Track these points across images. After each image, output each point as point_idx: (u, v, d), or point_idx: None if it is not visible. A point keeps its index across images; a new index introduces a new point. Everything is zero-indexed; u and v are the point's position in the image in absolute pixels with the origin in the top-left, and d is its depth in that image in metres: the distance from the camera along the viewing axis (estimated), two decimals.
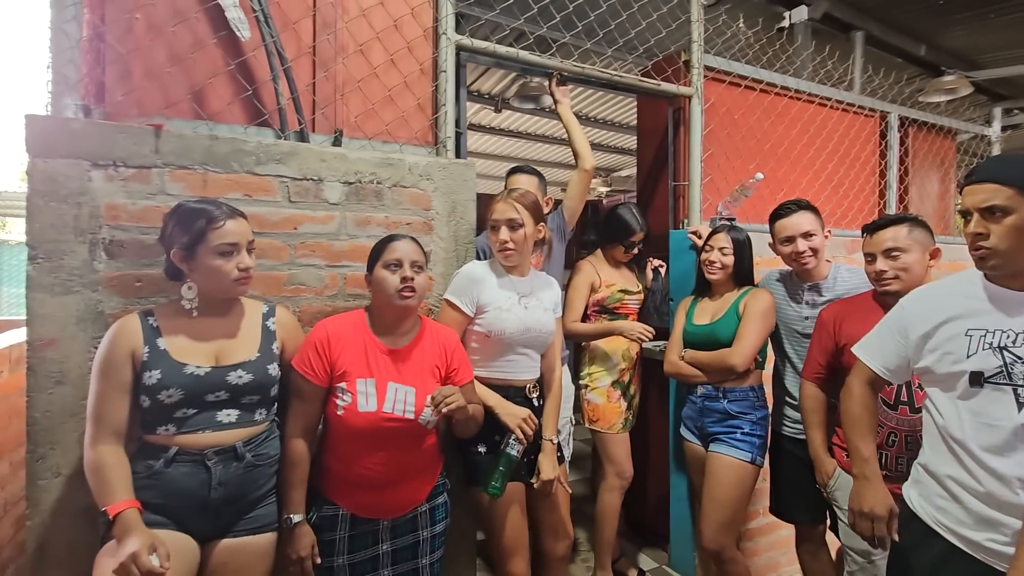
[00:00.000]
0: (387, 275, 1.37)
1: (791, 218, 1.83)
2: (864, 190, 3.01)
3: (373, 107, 1.78)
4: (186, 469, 1.20)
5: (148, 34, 1.52)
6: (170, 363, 1.21)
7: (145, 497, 1.17)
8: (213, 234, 1.22)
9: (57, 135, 1.32)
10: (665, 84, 2.33)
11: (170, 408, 1.21)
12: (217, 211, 1.25)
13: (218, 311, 1.31)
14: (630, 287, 2.32)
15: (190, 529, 1.21)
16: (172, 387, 1.20)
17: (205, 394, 1.23)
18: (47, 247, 1.31)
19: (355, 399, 1.32)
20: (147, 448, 1.23)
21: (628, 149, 6.81)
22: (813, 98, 2.79)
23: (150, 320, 1.25)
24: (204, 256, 1.23)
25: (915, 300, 1.28)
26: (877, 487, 1.30)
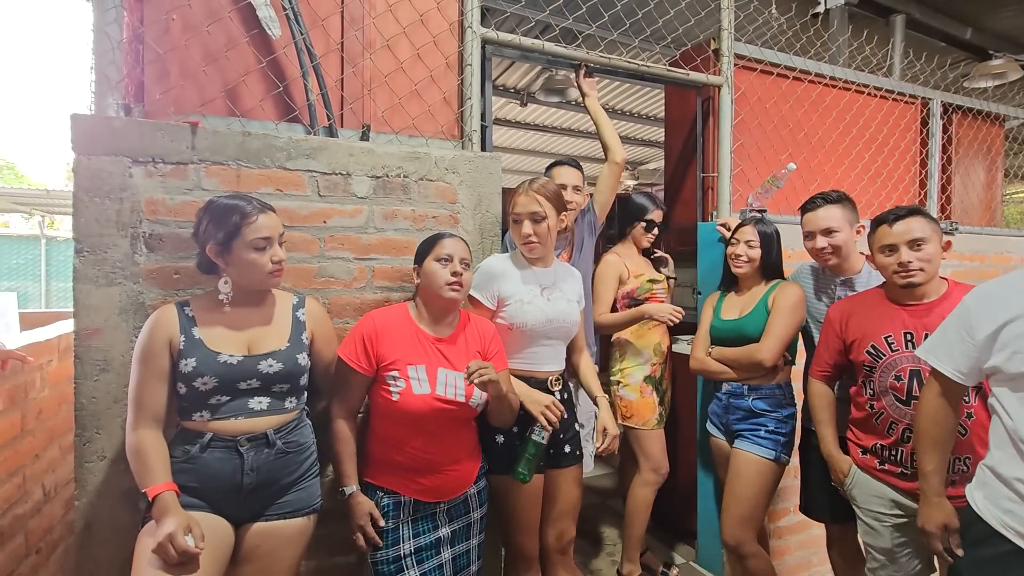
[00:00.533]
0: (438, 268, 1.42)
1: (815, 213, 1.78)
2: (903, 180, 2.90)
3: (400, 102, 1.80)
4: (220, 454, 1.25)
5: (184, 34, 1.57)
6: (204, 352, 1.26)
7: (182, 480, 1.22)
8: (247, 229, 1.26)
9: (100, 133, 1.37)
10: (694, 74, 2.29)
11: (205, 395, 1.25)
12: (249, 207, 1.28)
13: (251, 302, 1.35)
14: (654, 276, 2.29)
15: (224, 512, 1.26)
16: (206, 374, 1.24)
17: (237, 382, 1.27)
18: (92, 241, 1.37)
19: (408, 384, 1.37)
20: (184, 433, 1.28)
21: (655, 141, 6.72)
22: (849, 85, 2.70)
23: (186, 310, 1.30)
24: (239, 250, 1.27)
25: (980, 298, 1.23)
26: (932, 504, 1.30)
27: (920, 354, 1.35)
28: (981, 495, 1.20)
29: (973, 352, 1.21)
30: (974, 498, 1.22)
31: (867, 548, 1.62)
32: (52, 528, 1.84)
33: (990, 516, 1.16)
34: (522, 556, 1.63)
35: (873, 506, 1.57)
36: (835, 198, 1.78)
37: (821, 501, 1.84)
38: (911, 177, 2.94)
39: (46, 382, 1.78)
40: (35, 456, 1.70)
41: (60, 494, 1.91)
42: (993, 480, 1.17)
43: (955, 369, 1.26)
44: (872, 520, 1.58)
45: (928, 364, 1.32)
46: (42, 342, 1.76)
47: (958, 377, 1.26)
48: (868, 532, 1.60)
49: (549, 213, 1.58)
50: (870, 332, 1.55)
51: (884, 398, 1.52)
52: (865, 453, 1.59)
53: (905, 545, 1.54)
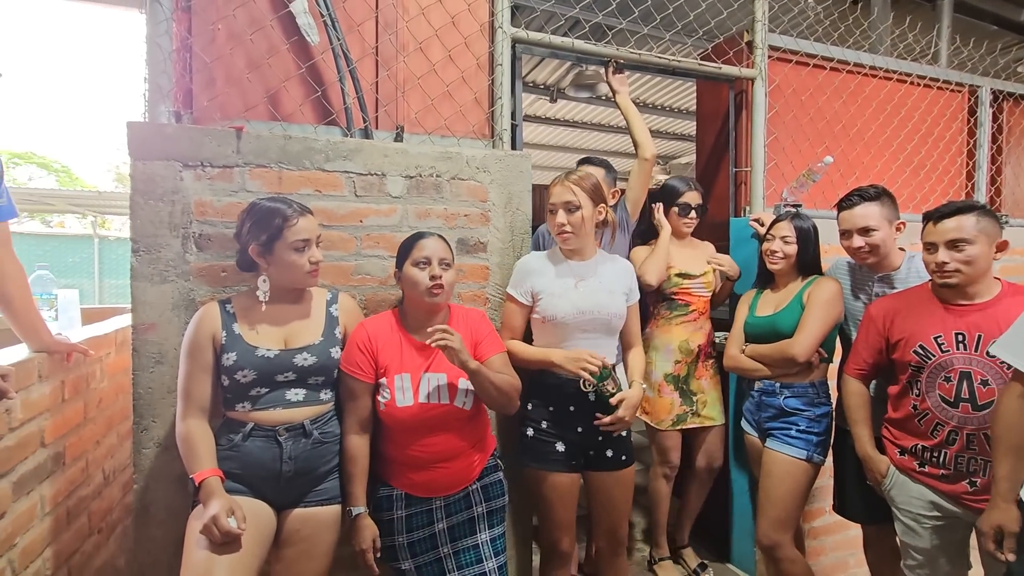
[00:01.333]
0: (416, 272, 1.43)
1: (852, 211, 1.72)
2: (949, 172, 2.79)
3: (432, 103, 1.84)
4: (261, 443, 1.33)
5: (228, 43, 1.65)
6: (244, 346, 1.33)
7: (226, 467, 1.30)
8: (289, 231, 1.33)
9: (153, 139, 1.46)
10: (726, 67, 2.26)
11: (245, 387, 1.33)
12: (290, 210, 1.35)
13: (287, 299, 1.42)
14: (691, 269, 2.14)
15: (266, 498, 1.34)
16: (246, 368, 1.32)
17: (275, 374, 1.34)
18: (147, 241, 1.46)
19: (393, 396, 1.40)
20: (228, 423, 1.36)
21: (687, 135, 6.61)
22: (891, 74, 2.61)
23: (227, 307, 1.38)
24: (280, 251, 1.34)
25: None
26: (998, 508, 1.27)
27: (997, 352, 1.28)
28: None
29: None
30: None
31: (905, 546, 1.59)
32: (112, 510, 1.96)
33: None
34: (555, 553, 1.63)
35: (912, 507, 1.54)
36: (872, 195, 1.72)
37: (856, 501, 1.81)
38: (957, 169, 2.83)
39: (105, 373, 1.89)
40: (96, 442, 1.82)
41: (118, 478, 2.03)
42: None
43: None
44: (911, 521, 1.55)
45: (1007, 363, 1.26)
46: (101, 336, 1.87)
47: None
48: (907, 532, 1.57)
49: (584, 203, 1.57)
50: (918, 331, 1.50)
51: (930, 399, 1.48)
52: (903, 454, 1.56)
53: (944, 547, 1.51)
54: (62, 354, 1.55)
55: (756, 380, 1.87)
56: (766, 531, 1.76)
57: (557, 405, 1.60)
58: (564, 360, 1.54)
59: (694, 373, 2.17)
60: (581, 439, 1.61)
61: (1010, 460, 1.26)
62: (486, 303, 1.80)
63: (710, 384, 2.20)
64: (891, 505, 1.61)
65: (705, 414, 2.17)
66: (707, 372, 2.19)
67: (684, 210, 2.18)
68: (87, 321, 2.19)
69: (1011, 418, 1.26)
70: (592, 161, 2.15)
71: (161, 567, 1.46)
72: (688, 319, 2.16)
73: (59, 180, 15.26)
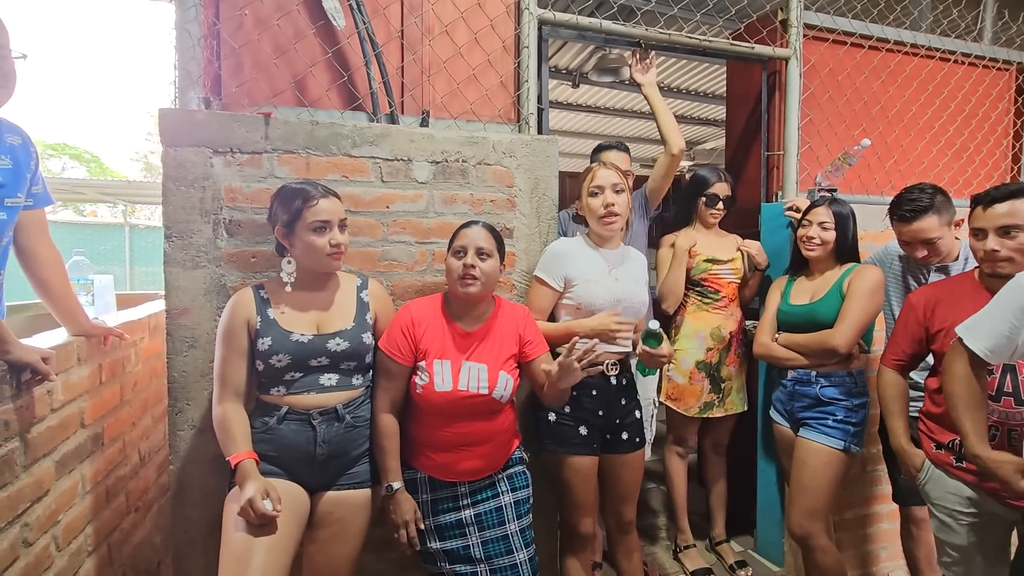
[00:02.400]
0: (453, 262, 1.43)
1: (910, 225, 1.64)
2: (994, 155, 2.67)
3: (458, 87, 1.82)
4: (295, 427, 1.34)
5: (255, 28, 1.65)
6: (279, 331, 1.34)
7: (262, 450, 1.32)
8: (308, 211, 1.33)
9: (184, 126, 1.47)
10: (759, 47, 2.19)
11: (280, 371, 1.34)
12: (313, 191, 1.35)
13: (317, 285, 1.42)
14: (719, 255, 2.12)
15: (301, 480, 1.35)
16: (281, 352, 1.33)
17: (309, 359, 1.35)
18: (179, 227, 1.47)
19: (432, 379, 1.40)
20: (263, 406, 1.38)
21: (713, 120, 6.45)
22: (933, 52, 2.49)
23: (261, 292, 1.39)
24: (301, 232, 1.34)
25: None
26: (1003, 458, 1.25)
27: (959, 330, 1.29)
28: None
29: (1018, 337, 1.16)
30: None
31: (940, 543, 1.54)
32: (147, 490, 2.02)
33: None
34: (575, 535, 1.65)
35: (948, 503, 1.49)
36: (927, 205, 1.62)
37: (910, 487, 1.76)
38: (1003, 151, 2.70)
39: (140, 357, 1.94)
40: (132, 424, 1.87)
41: (153, 459, 2.09)
42: None
43: (988, 350, 1.21)
44: (947, 517, 1.50)
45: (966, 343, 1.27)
46: (135, 321, 1.92)
47: (989, 357, 1.21)
48: (942, 528, 1.52)
49: (627, 187, 1.61)
50: (960, 321, 1.45)
51: None
52: (939, 448, 1.51)
53: (981, 545, 1.46)
54: (99, 338, 1.59)
55: (789, 369, 1.83)
56: (799, 521, 1.73)
57: (580, 389, 1.60)
58: (590, 329, 1.55)
59: (725, 360, 2.14)
60: (602, 422, 1.63)
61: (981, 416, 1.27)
62: (512, 289, 1.78)
63: (737, 372, 2.17)
64: (926, 500, 1.57)
65: (729, 402, 2.16)
66: (736, 360, 2.16)
67: (711, 201, 2.14)
68: (121, 306, 2.24)
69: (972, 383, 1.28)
70: (612, 146, 2.12)
71: (196, 546, 1.50)
72: (719, 305, 2.13)
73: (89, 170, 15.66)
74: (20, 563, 1.18)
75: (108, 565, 1.63)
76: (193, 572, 1.50)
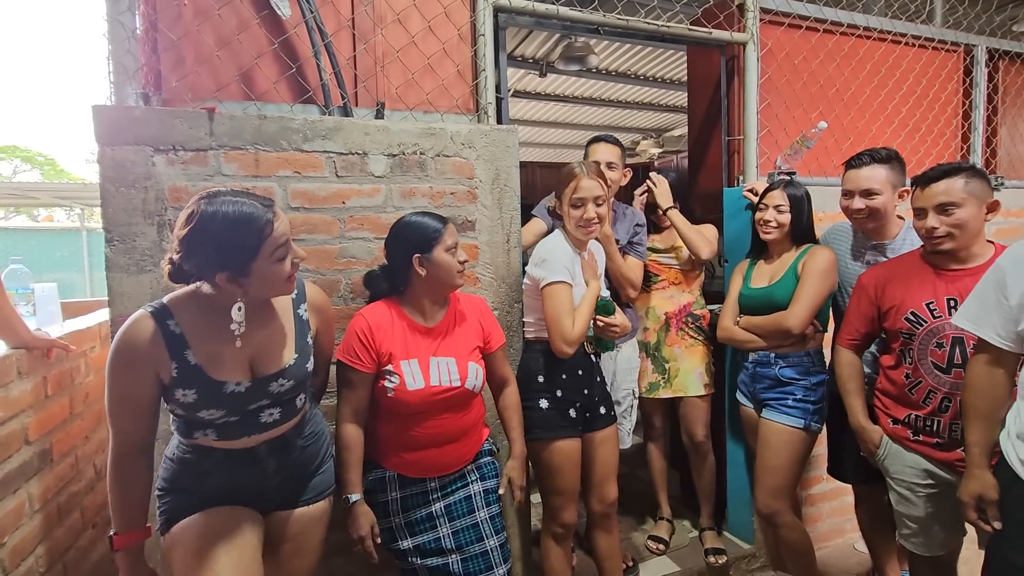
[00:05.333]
0: (448, 258, 1.41)
1: (858, 171, 1.70)
2: (944, 134, 2.74)
3: (413, 77, 1.78)
4: (239, 465, 1.17)
5: (196, 19, 1.57)
6: (206, 382, 1.08)
7: (205, 485, 1.15)
8: (269, 242, 1.06)
9: (121, 123, 1.40)
10: (717, 32, 2.19)
11: (209, 421, 1.12)
12: (261, 213, 1.05)
13: (250, 310, 1.13)
14: (659, 244, 2.25)
15: (253, 505, 1.21)
16: (212, 408, 1.10)
17: (247, 405, 1.14)
18: (121, 230, 1.40)
19: (403, 380, 1.37)
20: (194, 448, 1.16)
21: (679, 107, 6.50)
22: (885, 35, 2.54)
23: (169, 324, 1.07)
24: (261, 267, 1.06)
25: (1014, 258, 1.19)
26: (972, 476, 1.28)
27: (959, 322, 1.29)
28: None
29: (1011, 315, 1.17)
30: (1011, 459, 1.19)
31: (900, 516, 1.59)
32: (106, 505, 1.94)
33: None
34: (561, 524, 1.65)
35: (906, 476, 1.54)
36: (883, 157, 1.68)
37: (848, 463, 1.85)
38: (952, 131, 2.78)
39: (90, 368, 1.86)
40: (85, 438, 1.80)
41: None
42: None
43: (995, 334, 1.21)
44: (905, 490, 1.55)
45: (970, 332, 1.27)
46: (84, 330, 1.83)
47: (1001, 343, 1.20)
48: (901, 502, 1.57)
49: (606, 196, 1.66)
50: (909, 298, 1.48)
51: (923, 366, 1.47)
52: (896, 424, 1.55)
53: (938, 515, 1.51)
54: (42, 350, 1.51)
55: (750, 351, 1.86)
56: (765, 500, 1.76)
57: (569, 371, 1.65)
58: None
59: (665, 341, 2.21)
60: (586, 400, 1.68)
61: (980, 427, 1.27)
62: (476, 283, 1.76)
63: (685, 354, 2.20)
64: (885, 475, 1.61)
65: (678, 384, 2.19)
66: (682, 342, 2.21)
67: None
68: (72, 315, 2.15)
69: (979, 386, 1.27)
70: (605, 139, 2.11)
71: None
72: (658, 287, 2.25)
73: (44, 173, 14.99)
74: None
75: None
76: None
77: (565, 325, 1.54)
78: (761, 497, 1.78)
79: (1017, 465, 1.17)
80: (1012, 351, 1.20)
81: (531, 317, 1.71)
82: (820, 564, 1.86)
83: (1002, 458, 1.22)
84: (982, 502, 1.25)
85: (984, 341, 1.24)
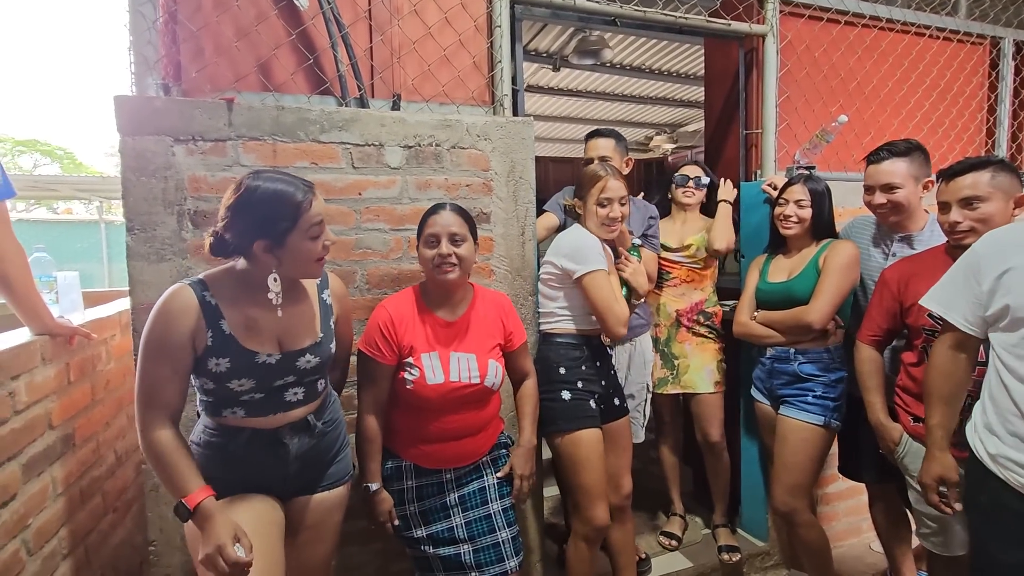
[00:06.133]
0: (426, 252, 1.38)
1: (879, 166, 1.67)
2: (969, 129, 2.68)
3: (429, 68, 1.78)
4: (263, 448, 1.20)
5: (215, 10, 1.58)
6: (238, 350, 1.13)
7: (225, 474, 1.17)
8: (305, 217, 1.12)
9: (142, 114, 1.41)
10: (736, 24, 2.16)
11: (238, 394, 1.15)
12: (300, 191, 1.12)
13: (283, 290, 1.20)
14: (671, 242, 2.19)
15: (272, 492, 1.24)
16: (243, 377, 1.13)
17: (275, 380, 1.18)
18: (141, 219, 1.42)
19: (423, 373, 1.37)
20: (219, 428, 1.19)
21: (694, 101, 6.44)
22: (909, 27, 2.49)
23: (207, 296, 1.12)
24: (296, 242, 1.12)
25: (988, 244, 1.19)
26: (933, 458, 1.31)
27: (928, 304, 1.31)
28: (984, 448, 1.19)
29: (980, 300, 1.18)
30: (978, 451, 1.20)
31: (919, 515, 1.57)
32: (126, 489, 1.98)
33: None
34: (593, 527, 1.61)
35: None
36: (902, 150, 1.65)
37: (864, 462, 1.82)
38: (977, 125, 2.72)
39: (111, 355, 1.89)
40: (106, 424, 1.83)
41: (131, 458, 2.04)
42: None
43: (963, 319, 1.22)
44: None
45: (937, 314, 1.29)
46: (105, 318, 1.86)
47: (967, 327, 1.22)
48: (920, 500, 1.54)
49: (628, 198, 1.70)
50: None
51: None
52: (917, 421, 1.53)
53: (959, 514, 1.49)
54: (65, 337, 1.54)
55: (768, 347, 1.83)
56: (783, 498, 1.74)
57: (588, 363, 1.67)
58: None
59: (675, 337, 2.19)
60: (603, 391, 1.70)
61: (942, 409, 1.30)
62: (491, 276, 1.76)
63: (696, 351, 2.17)
64: (904, 473, 1.59)
65: (687, 380, 2.17)
66: (693, 339, 2.18)
67: (680, 180, 2.23)
68: (93, 304, 2.18)
69: (943, 368, 1.29)
70: (602, 133, 2.09)
71: (173, 545, 1.47)
72: (669, 284, 2.23)
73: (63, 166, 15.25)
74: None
75: (86, 567, 1.59)
76: (171, 570, 1.47)
77: (618, 308, 1.58)
78: (778, 495, 1.76)
79: (986, 459, 1.17)
80: (976, 336, 1.22)
81: (549, 308, 1.71)
82: (835, 563, 1.84)
83: (971, 454, 1.22)
84: (943, 483, 1.28)
85: (950, 324, 1.25)
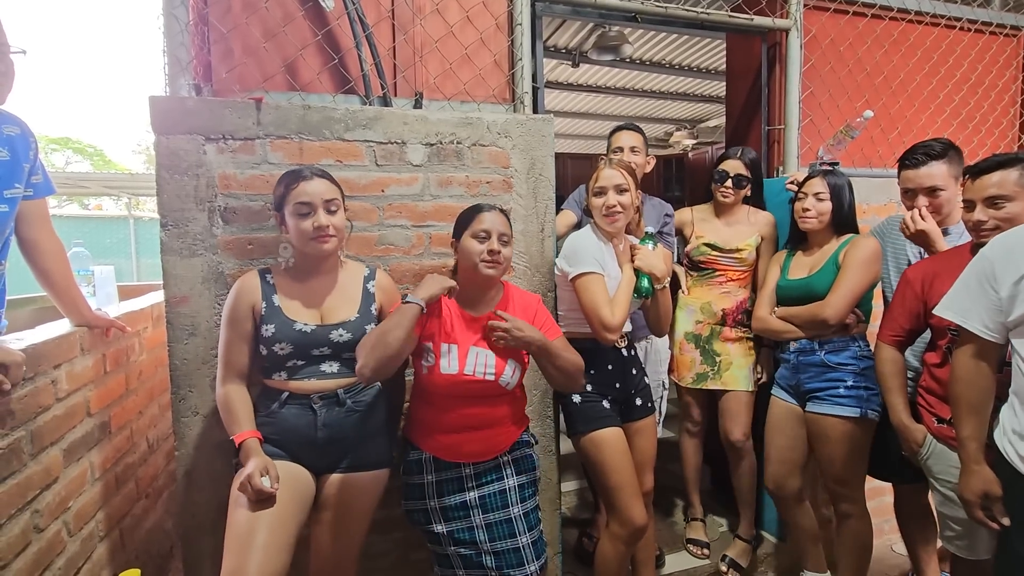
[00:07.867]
0: (475, 244, 1.41)
1: (917, 170, 1.62)
2: (1000, 124, 2.62)
3: (451, 67, 1.80)
4: (296, 410, 1.36)
5: (244, 12, 1.63)
6: (282, 319, 1.35)
7: (265, 432, 1.35)
8: (291, 194, 1.33)
9: (175, 113, 1.46)
10: (759, 18, 2.14)
11: (282, 358, 1.36)
12: (298, 173, 1.35)
13: (321, 270, 1.42)
14: (721, 244, 2.08)
15: (304, 462, 1.37)
16: (284, 340, 1.34)
17: (311, 348, 1.37)
18: (174, 215, 1.47)
19: (438, 362, 1.40)
20: (266, 391, 1.41)
21: (715, 97, 6.36)
22: (938, 20, 2.44)
23: (268, 277, 1.40)
24: (287, 216, 1.35)
25: (1000, 249, 1.17)
26: (971, 472, 1.26)
27: (943, 313, 1.28)
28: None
29: (999, 306, 1.15)
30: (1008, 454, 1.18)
31: (943, 517, 1.54)
32: (157, 476, 2.05)
33: None
34: (630, 526, 1.58)
35: (951, 477, 1.48)
36: (939, 152, 1.60)
37: (888, 462, 1.78)
38: (1009, 120, 2.65)
39: (144, 347, 1.96)
40: (139, 413, 1.90)
41: (162, 447, 2.12)
42: None
43: (983, 326, 1.19)
44: (949, 491, 1.50)
45: (955, 324, 1.26)
46: (137, 311, 1.93)
47: (988, 335, 1.19)
48: (945, 503, 1.52)
49: (631, 186, 1.62)
50: None
51: None
52: (941, 423, 1.50)
53: None
54: (102, 328, 1.60)
55: (788, 343, 1.82)
56: (833, 488, 1.74)
57: (598, 366, 1.66)
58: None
59: (718, 335, 2.12)
60: (619, 394, 1.69)
61: (973, 420, 1.26)
62: (511, 271, 1.78)
63: (738, 350, 2.12)
64: (928, 475, 1.57)
65: (727, 377, 2.11)
66: (736, 337, 2.12)
67: (720, 177, 2.08)
68: (124, 297, 2.26)
69: (968, 378, 1.25)
70: (627, 127, 2.07)
71: (204, 530, 1.52)
72: (714, 282, 2.13)
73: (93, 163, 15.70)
74: (32, 548, 1.21)
75: (120, 550, 1.66)
76: (202, 555, 1.53)
77: (604, 313, 1.54)
78: (831, 488, 1.76)
79: (1017, 462, 1.15)
80: (997, 343, 1.20)
81: (562, 310, 1.74)
82: None
83: (1000, 456, 1.20)
84: (987, 499, 1.23)
85: (970, 333, 1.23)
